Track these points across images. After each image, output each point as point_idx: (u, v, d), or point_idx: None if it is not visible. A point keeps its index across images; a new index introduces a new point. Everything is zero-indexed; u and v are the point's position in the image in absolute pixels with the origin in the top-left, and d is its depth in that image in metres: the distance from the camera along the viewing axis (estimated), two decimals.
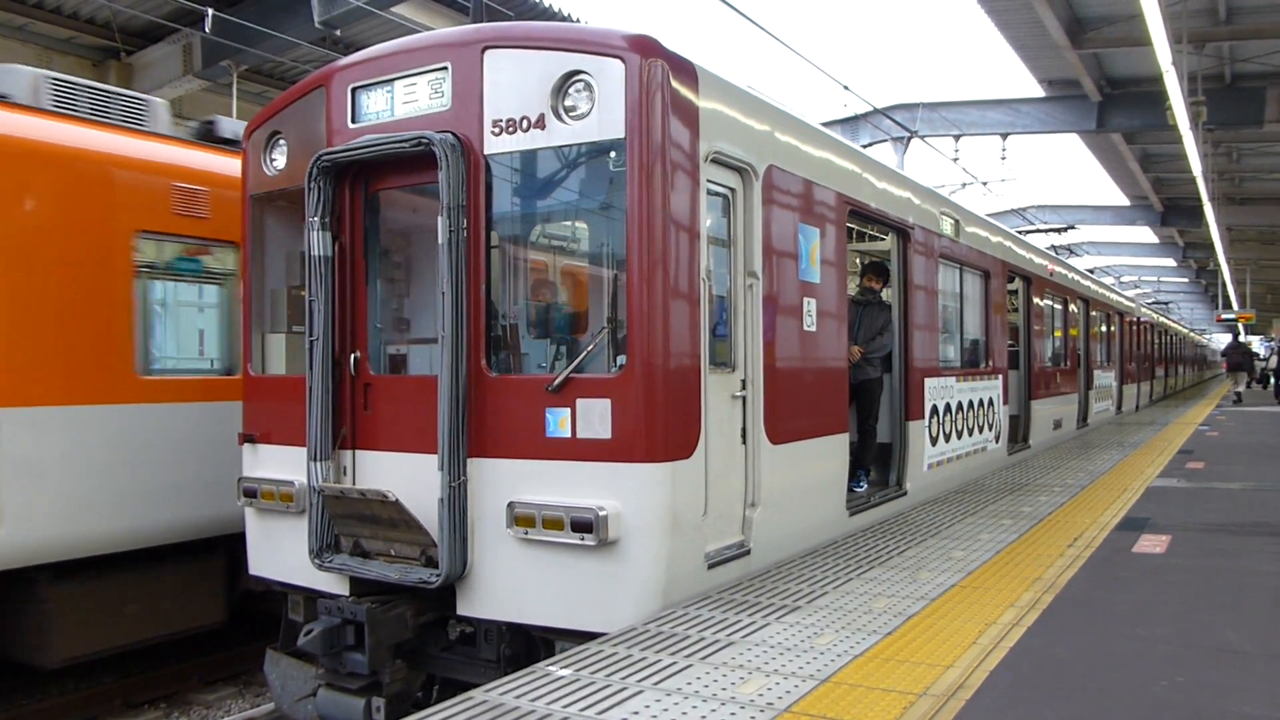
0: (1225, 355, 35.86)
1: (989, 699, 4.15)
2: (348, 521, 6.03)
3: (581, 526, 5.26)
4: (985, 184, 23.94)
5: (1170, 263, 48.31)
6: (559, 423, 5.46)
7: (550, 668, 4.61)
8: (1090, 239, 39.41)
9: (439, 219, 5.67)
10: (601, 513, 5.24)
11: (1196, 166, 18.12)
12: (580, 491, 5.37)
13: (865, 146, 20.49)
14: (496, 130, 5.73)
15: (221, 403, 7.96)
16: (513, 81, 5.69)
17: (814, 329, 7.13)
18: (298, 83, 6.92)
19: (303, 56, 15.31)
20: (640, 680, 4.37)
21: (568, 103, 5.55)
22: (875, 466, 9.14)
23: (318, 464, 6.12)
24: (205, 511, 8.05)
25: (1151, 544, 7.42)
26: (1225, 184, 27.98)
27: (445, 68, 5.92)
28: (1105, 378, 21.18)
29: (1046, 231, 25.39)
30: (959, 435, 10.52)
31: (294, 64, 15.92)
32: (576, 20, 14.53)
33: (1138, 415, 24.33)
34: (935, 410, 9.73)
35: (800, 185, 7.02)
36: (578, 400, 5.42)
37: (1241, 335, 42.41)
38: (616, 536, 5.28)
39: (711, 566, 5.84)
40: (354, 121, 6.29)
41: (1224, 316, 45.01)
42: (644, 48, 5.41)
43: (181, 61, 14.95)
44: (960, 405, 10.55)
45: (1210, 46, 16.87)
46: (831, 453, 7.48)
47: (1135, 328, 26.23)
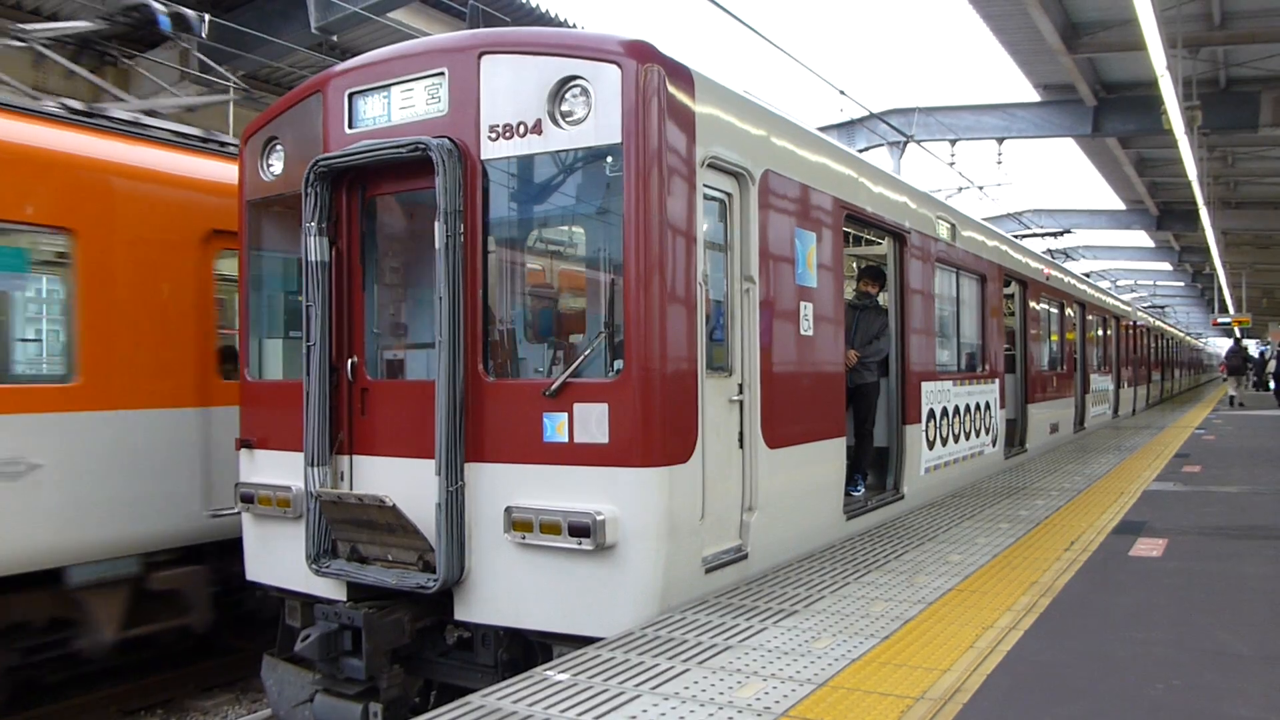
0: (1226, 359, 35.99)
1: (986, 703, 4.16)
2: (345, 527, 6.03)
3: (579, 531, 5.26)
4: (981, 188, 23.98)
5: (1166, 266, 48.39)
6: (556, 427, 5.46)
7: (548, 672, 4.61)
8: (1086, 243, 39.45)
9: (436, 224, 5.67)
10: (599, 517, 5.24)
11: (1192, 171, 18.16)
12: (578, 496, 5.37)
13: (861, 151, 20.53)
14: (493, 135, 5.74)
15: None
16: (509, 87, 5.70)
17: (811, 333, 7.14)
18: (295, 88, 6.92)
19: (299, 62, 15.31)
20: (638, 685, 4.37)
21: (564, 108, 5.56)
22: (872, 470, 9.16)
23: (315, 469, 6.12)
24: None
25: (1148, 548, 7.43)
26: (1220, 188, 28.04)
27: (442, 73, 5.93)
28: (1102, 382, 21.21)
29: (1043, 235, 25.40)
30: (956, 439, 10.53)
31: (291, 69, 15.92)
32: (573, 26, 14.56)
33: (1134, 419, 24.36)
34: (932, 414, 9.74)
35: (797, 190, 7.04)
36: (575, 405, 5.42)
37: (1237, 340, 42.54)
38: (614, 541, 5.28)
39: (709, 571, 5.84)
40: (351, 127, 6.29)
41: (1220, 320, 45.09)
42: (640, 53, 5.42)
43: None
44: (957, 409, 10.56)
45: (1205, 51, 16.91)
46: (828, 457, 7.48)
47: (1131, 332, 26.27)
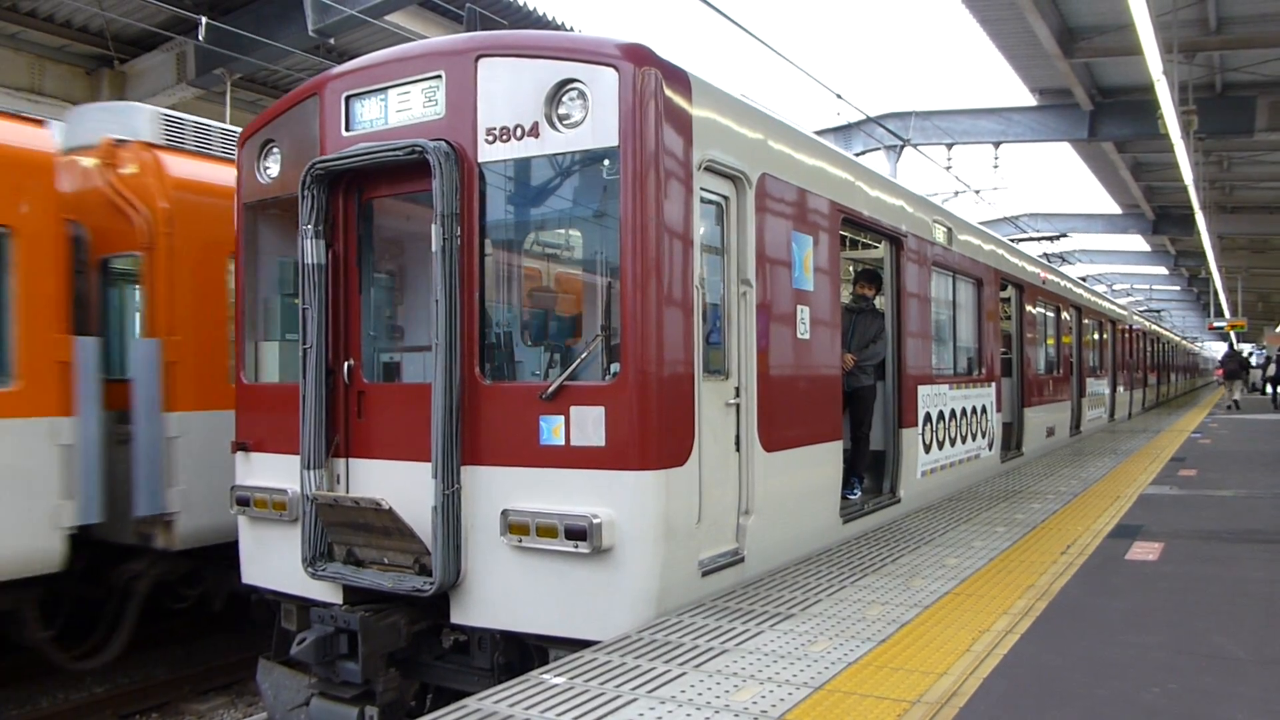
0: (1222, 363, 36.12)
1: (982, 706, 4.16)
2: (341, 530, 6.02)
3: (575, 534, 5.26)
4: (978, 192, 23.99)
5: (1162, 271, 48.45)
6: (553, 430, 5.46)
7: (544, 676, 4.60)
8: (1082, 247, 39.47)
9: (433, 227, 5.67)
10: (595, 520, 5.24)
11: (1187, 175, 18.18)
12: (574, 499, 5.36)
13: (858, 155, 20.54)
14: (490, 138, 5.73)
15: None
16: (506, 90, 5.70)
17: (807, 336, 7.14)
18: (291, 91, 6.92)
19: (296, 65, 15.31)
20: (634, 688, 4.37)
21: (561, 111, 5.56)
22: (869, 474, 9.16)
23: (311, 472, 6.12)
24: None
25: (1144, 551, 7.43)
26: (1216, 192, 28.08)
27: (439, 76, 5.93)
28: (1098, 385, 21.24)
29: (1039, 239, 25.46)
30: (952, 443, 10.54)
31: (288, 72, 15.92)
32: (570, 29, 14.57)
33: (1130, 422, 24.39)
34: (929, 418, 9.74)
35: (794, 193, 7.04)
36: (571, 408, 5.42)
37: (1232, 344, 42.70)
38: (610, 544, 5.28)
39: (705, 574, 5.84)
40: (348, 130, 6.29)
41: (1215, 324, 45.19)
42: (637, 56, 5.42)
43: (175, 70, 14.95)
44: (954, 413, 10.56)
45: (1201, 56, 16.94)
46: (825, 460, 7.48)
47: (1127, 335, 26.30)
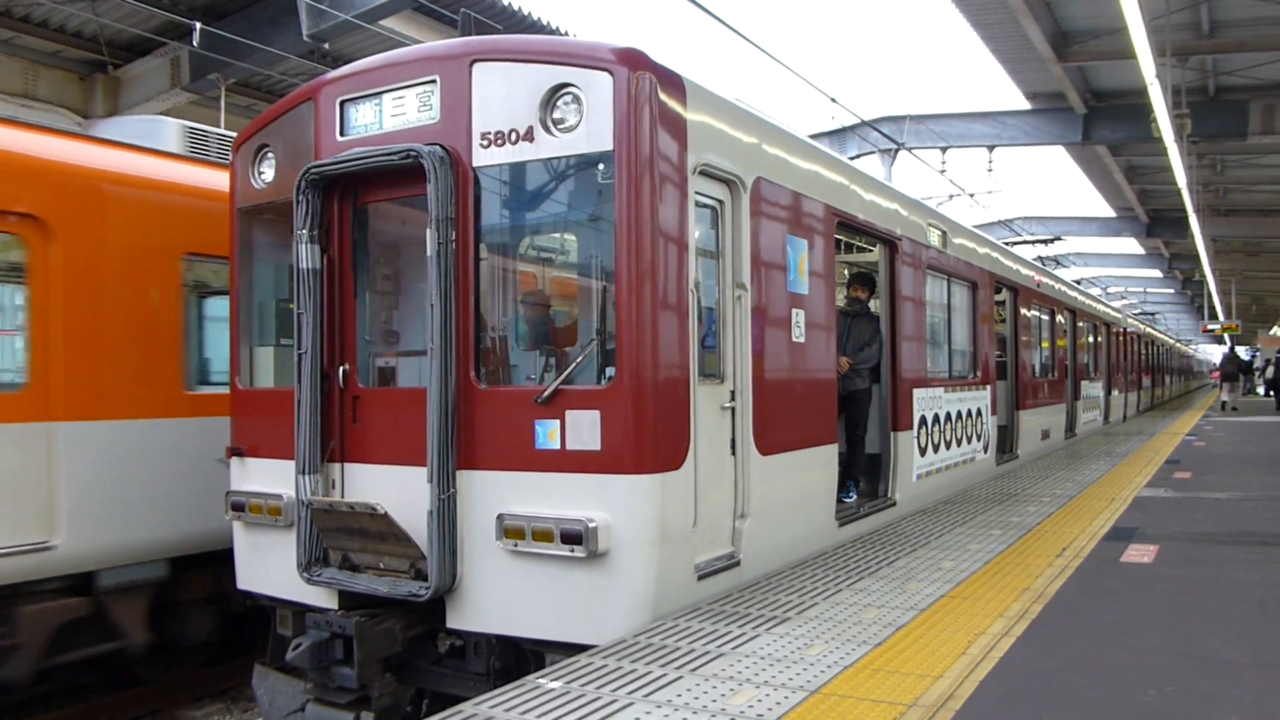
0: (1220, 366, 36.26)
1: (978, 709, 4.16)
2: (336, 535, 6.01)
3: (571, 538, 5.26)
4: (972, 195, 24.05)
5: (1156, 274, 48.59)
6: (548, 434, 5.45)
7: (540, 680, 4.60)
8: (1077, 250, 39.60)
9: (428, 231, 5.67)
10: (591, 524, 5.23)
11: (1181, 178, 18.24)
12: (570, 503, 5.36)
13: (853, 158, 20.57)
14: (485, 143, 5.74)
15: None
16: (501, 94, 5.71)
17: (802, 340, 7.15)
18: (286, 96, 6.92)
19: (291, 70, 15.30)
20: (630, 692, 4.36)
21: (556, 115, 5.56)
22: (864, 477, 9.16)
23: (306, 477, 6.10)
24: None
25: (1139, 554, 7.45)
26: (1210, 195, 28.16)
27: (434, 81, 5.93)
28: (1093, 388, 21.28)
29: (1033, 243, 25.52)
30: (948, 446, 10.55)
31: (282, 77, 15.91)
32: (565, 34, 14.58)
33: (1125, 425, 24.43)
34: (924, 421, 9.75)
35: (788, 197, 7.05)
36: (567, 412, 5.42)
37: (1232, 347, 42.83)
38: (606, 548, 5.27)
39: (701, 578, 5.83)
40: (342, 134, 6.29)
41: (1209, 327, 45.26)
42: (632, 61, 5.43)
43: (169, 75, 14.93)
44: (949, 416, 10.57)
45: (1194, 60, 17.01)
46: (821, 464, 7.49)
47: (1122, 338, 26.36)
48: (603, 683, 4.51)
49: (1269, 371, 36.86)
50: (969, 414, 11.36)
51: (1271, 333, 58.06)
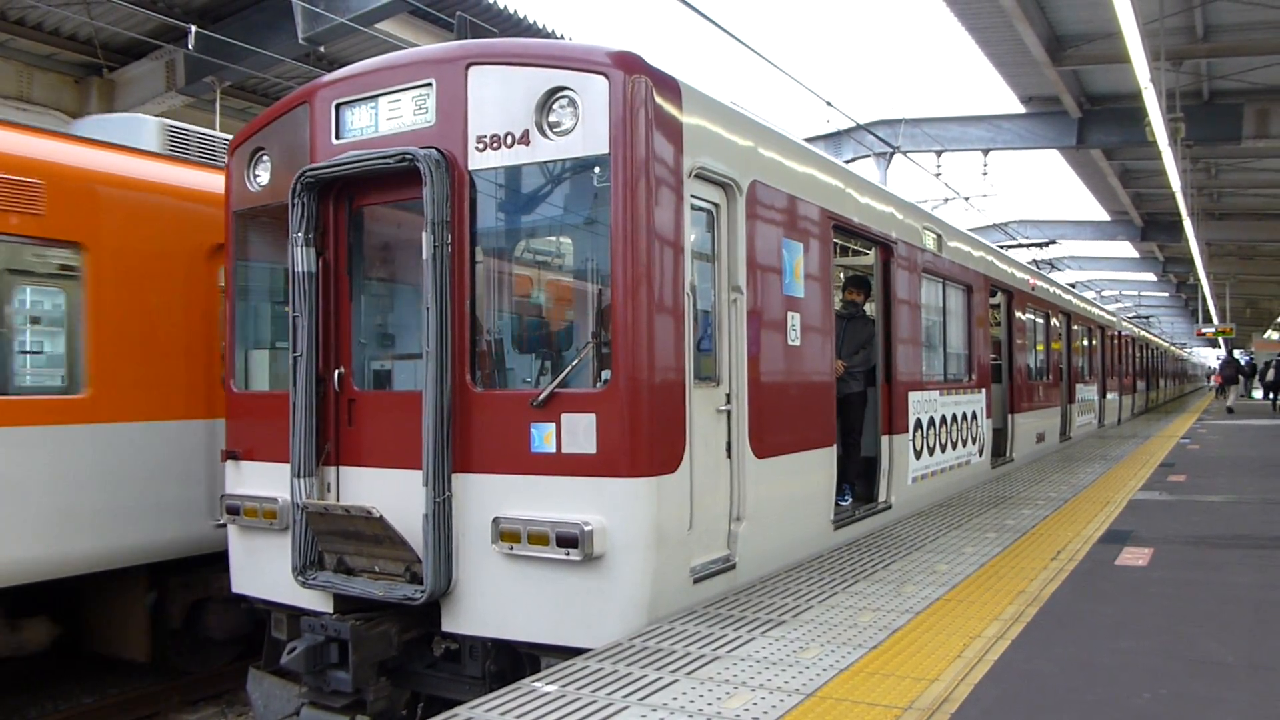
0: (1220, 369, 36.43)
1: (974, 712, 4.16)
2: (331, 538, 6.00)
3: (567, 542, 5.25)
4: (967, 199, 24.09)
5: (1150, 277, 48.67)
6: (544, 438, 5.45)
7: (535, 684, 4.59)
8: (1071, 254, 39.68)
9: (423, 234, 5.67)
10: (587, 528, 5.23)
11: (1175, 182, 18.28)
12: (565, 506, 5.36)
13: (848, 162, 20.61)
14: (481, 146, 5.74)
15: None
16: (497, 97, 5.71)
17: (798, 343, 7.15)
18: (282, 99, 6.92)
19: (286, 73, 15.30)
20: (626, 696, 4.36)
21: (552, 118, 5.57)
22: (860, 480, 9.16)
23: (301, 480, 6.09)
24: None
25: (1134, 557, 7.46)
26: (1204, 199, 28.23)
27: (429, 84, 5.93)
28: (1087, 391, 21.31)
29: (1028, 246, 25.56)
30: (943, 449, 10.56)
31: (277, 80, 15.91)
32: (561, 37, 14.59)
33: (1120, 428, 24.46)
34: (919, 424, 9.76)
35: (784, 200, 7.06)
36: (563, 415, 5.42)
37: (1230, 351, 43.09)
38: (602, 551, 5.27)
39: (697, 581, 5.83)
40: (338, 138, 6.29)
41: (1204, 331, 45.36)
42: (628, 64, 5.44)
43: (164, 78, 14.91)
44: (944, 419, 10.59)
45: (1188, 64, 17.05)
46: (817, 467, 7.49)
47: (1116, 342, 26.41)
48: (598, 686, 4.50)
49: (1269, 374, 36.98)
50: (964, 417, 11.38)
51: (1266, 336, 58.26)
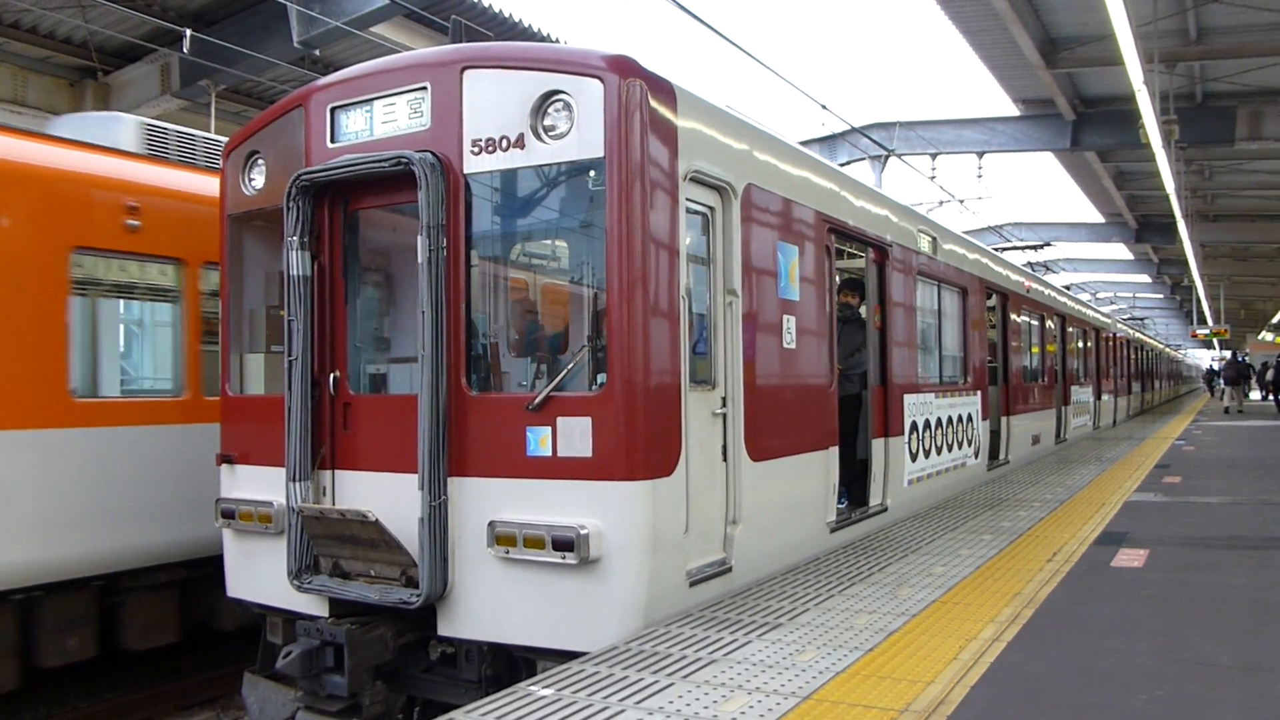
0: (1224, 371, 36.63)
1: (970, 715, 4.16)
2: (327, 542, 5.99)
3: (563, 545, 5.25)
4: (962, 202, 24.14)
5: (1145, 279, 48.81)
6: (540, 441, 5.45)
7: (532, 688, 4.59)
8: (1066, 256, 39.75)
9: (419, 238, 5.67)
10: (583, 531, 5.23)
11: (1169, 184, 18.33)
12: (561, 510, 5.35)
13: (843, 165, 20.63)
14: (476, 150, 5.74)
15: None
16: (492, 101, 5.71)
17: (794, 346, 7.15)
18: (276, 102, 6.91)
19: (281, 76, 15.30)
20: (622, 699, 4.36)
21: (547, 122, 5.57)
22: (856, 483, 9.16)
23: (297, 484, 6.08)
24: None
25: (1130, 558, 7.47)
26: (1198, 201, 28.33)
27: (424, 87, 5.93)
28: (1082, 393, 21.34)
29: (1023, 248, 25.54)
30: (939, 451, 10.57)
31: (272, 84, 15.90)
32: (556, 41, 14.59)
33: (1115, 430, 24.51)
34: (915, 426, 9.77)
35: (779, 203, 7.06)
36: (558, 419, 5.42)
37: (1234, 352, 43.26)
38: (598, 555, 5.27)
39: (693, 584, 5.83)
40: (333, 141, 6.28)
41: (1199, 332, 45.48)
42: (622, 68, 5.44)
43: (159, 81, 14.91)
44: (940, 421, 10.60)
45: (1181, 66, 17.11)
46: (813, 469, 7.49)
47: (1111, 343, 26.45)
48: (594, 690, 4.50)
49: (1269, 374, 37.10)
50: (960, 419, 11.39)
51: (1260, 337, 58.38)
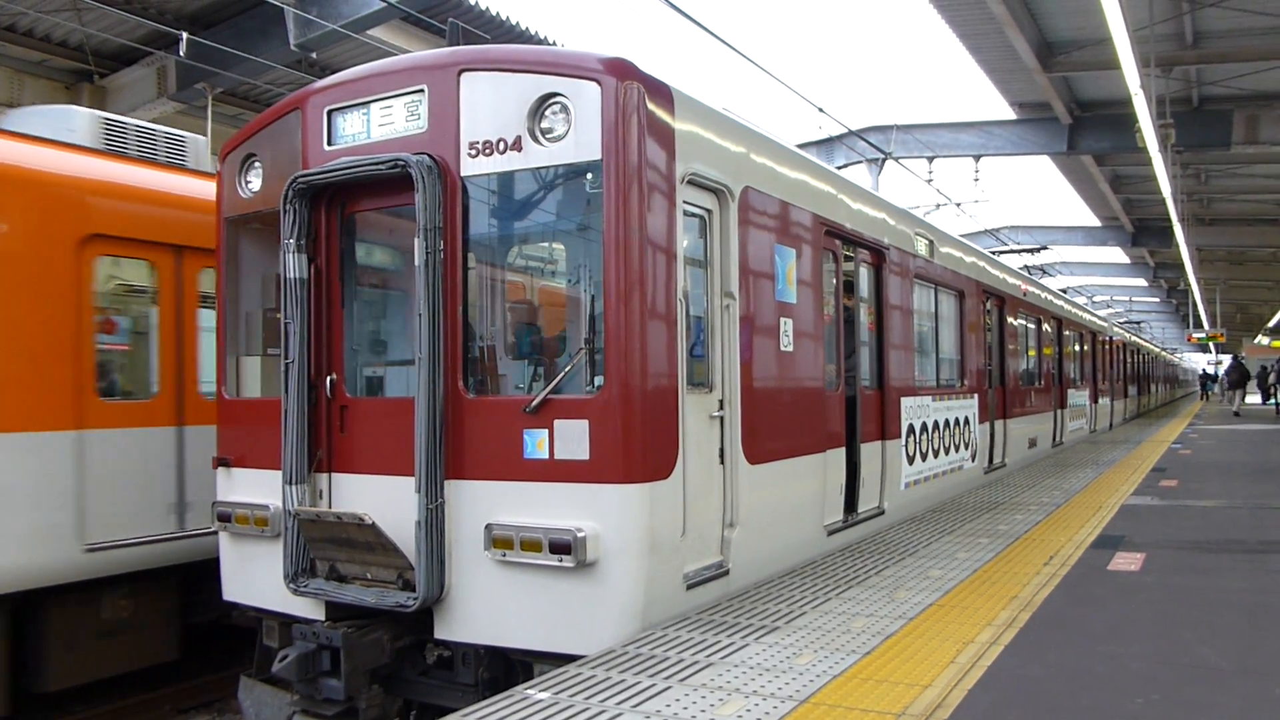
0: (1226, 374, 36.79)
1: (967, 718, 4.16)
2: (324, 545, 5.98)
3: (560, 548, 5.24)
4: (959, 205, 24.18)
5: (1141, 283, 48.86)
6: (537, 444, 5.45)
7: (529, 691, 4.58)
8: (1062, 259, 39.75)
9: (416, 241, 5.66)
10: (580, 534, 5.22)
11: (1166, 188, 18.36)
12: (558, 513, 5.35)
13: (840, 168, 20.66)
14: (473, 152, 5.74)
15: None
16: (489, 104, 5.71)
17: (791, 349, 7.15)
18: (273, 105, 6.91)
19: (278, 79, 15.28)
20: (619, 703, 4.35)
21: (544, 125, 5.57)
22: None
23: (293, 487, 6.08)
24: None
25: (1126, 562, 7.47)
26: (1194, 205, 28.38)
27: (422, 90, 5.93)
28: (1079, 397, 21.37)
29: (1019, 252, 25.61)
30: (935, 454, 10.57)
31: (269, 86, 15.89)
32: (553, 43, 14.60)
33: (1111, 434, 24.53)
34: (912, 429, 9.77)
35: (776, 206, 7.07)
36: (555, 421, 5.41)
37: (1236, 355, 43.40)
38: (595, 558, 5.26)
39: (690, 587, 5.83)
40: (330, 144, 6.28)
41: (1195, 336, 45.57)
42: (620, 70, 5.44)
43: (155, 84, 14.90)
44: (937, 424, 10.60)
45: (1178, 70, 17.13)
46: (810, 472, 7.49)
47: (1108, 347, 26.49)
48: (591, 693, 4.49)
49: (1270, 378, 37.18)
50: (956, 423, 11.40)
51: (1256, 341, 58.48)
